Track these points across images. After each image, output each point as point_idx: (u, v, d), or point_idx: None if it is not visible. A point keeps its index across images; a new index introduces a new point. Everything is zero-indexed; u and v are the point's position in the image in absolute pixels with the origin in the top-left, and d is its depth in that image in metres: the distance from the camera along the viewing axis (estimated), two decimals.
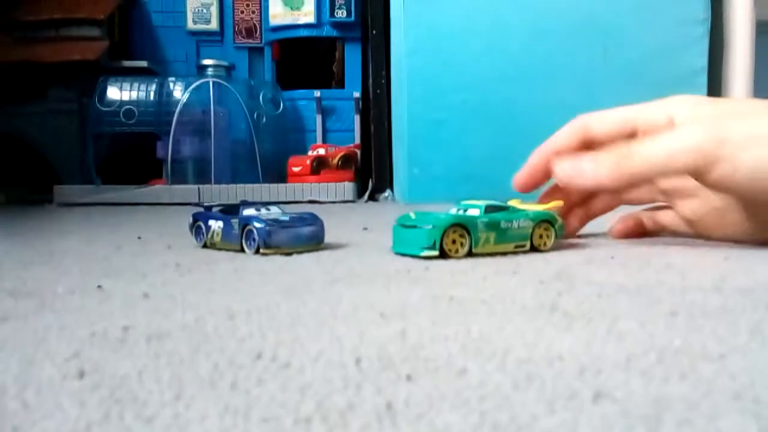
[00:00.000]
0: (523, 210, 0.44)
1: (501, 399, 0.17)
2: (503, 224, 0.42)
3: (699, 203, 0.46)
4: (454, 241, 0.41)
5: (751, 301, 0.28)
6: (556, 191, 0.49)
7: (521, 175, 0.48)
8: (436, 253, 0.40)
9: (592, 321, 0.25)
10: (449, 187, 1.01)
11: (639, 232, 0.50)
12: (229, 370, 0.19)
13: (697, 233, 0.49)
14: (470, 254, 0.41)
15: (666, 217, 0.49)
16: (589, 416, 0.16)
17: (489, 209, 0.43)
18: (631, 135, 0.44)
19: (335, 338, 0.23)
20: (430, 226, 0.41)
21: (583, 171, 0.42)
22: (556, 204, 0.46)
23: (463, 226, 0.41)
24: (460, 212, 0.43)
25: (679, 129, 0.41)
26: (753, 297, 0.29)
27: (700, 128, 0.39)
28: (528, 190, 0.48)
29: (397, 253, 0.43)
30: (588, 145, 0.46)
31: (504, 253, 0.43)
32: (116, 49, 1.41)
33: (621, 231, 0.50)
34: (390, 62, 1.25)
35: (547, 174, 0.48)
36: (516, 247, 0.43)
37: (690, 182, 0.44)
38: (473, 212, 0.42)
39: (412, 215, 0.43)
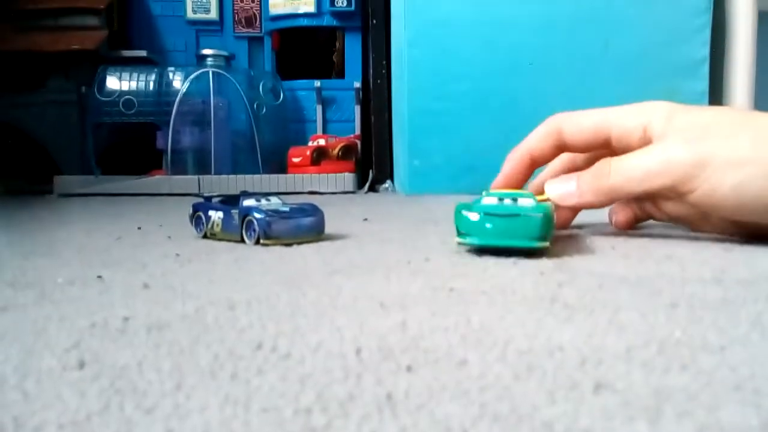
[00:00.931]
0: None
1: (501, 390, 0.17)
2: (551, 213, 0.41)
3: (678, 206, 0.46)
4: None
5: (751, 292, 0.28)
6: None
7: (498, 184, 0.48)
8: (547, 244, 0.37)
9: (592, 312, 0.25)
10: (450, 178, 1.01)
11: (640, 220, 0.50)
12: (230, 361, 0.19)
13: (682, 225, 0.49)
14: None
15: (652, 208, 0.50)
16: (589, 407, 0.16)
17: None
18: (605, 142, 0.44)
19: (335, 329, 0.23)
20: (541, 214, 0.37)
21: (570, 192, 0.43)
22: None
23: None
24: (507, 201, 0.39)
25: (658, 145, 0.40)
26: (753, 288, 0.29)
27: (680, 146, 0.39)
28: None
29: (480, 246, 0.38)
30: (562, 147, 0.47)
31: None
32: (115, 38, 1.40)
33: (623, 222, 0.50)
34: (390, 52, 1.24)
35: (522, 180, 0.48)
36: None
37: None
38: (527, 201, 0.39)
39: (471, 203, 0.39)
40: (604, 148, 0.45)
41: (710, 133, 0.39)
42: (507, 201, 0.39)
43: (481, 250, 0.40)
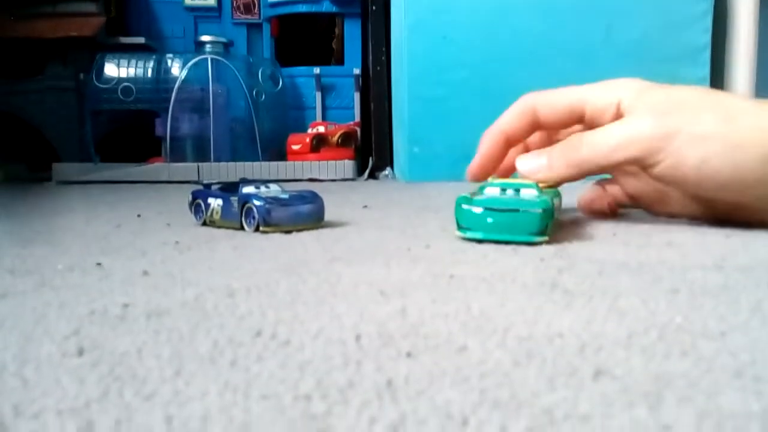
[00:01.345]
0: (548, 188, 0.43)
1: (501, 376, 0.17)
2: (557, 203, 0.41)
3: (641, 182, 0.47)
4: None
5: (751, 279, 0.28)
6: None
7: (475, 165, 0.48)
8: (546, 238, 0.37)
9: (592, 298, 0.25)
10: (450, 166, 1.00)
11: (605, 202, 0.50)
12: (229, 348, 0.19)
13: (640, 207, 0.50)
14: None
15: (613, 189, 0.50)
16: (589, 393, 0.16)
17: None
18: (579, 120, 0.45)
19: (335, 316, 0.23)
20: (541, 210, 0.37)
21: (541, 166, 0.43)
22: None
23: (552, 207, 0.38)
24: (509, 192, 0.39)
25: (627, 118, 0.41)
26: (754, 275, 0.29)
27: (648, 120, 0.39)
28: (483, 179, 0.47)
29: (481, 240, 0.38)
30: (536, 126, 0.47)
31: None
32: (113, 25, 1.39)
33: (587, 203, 0.51)
34: (390, 39, 1.24)
35: (499, 160, 0.48)
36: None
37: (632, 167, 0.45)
38: (530, 192, 0.39)
39: (470, 196, 0.39)
40: (577, 125, 0.45)
41: (678, 108, 0.39)
42: (509, 192, 0.39)
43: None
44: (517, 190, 0.39)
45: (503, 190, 0.40)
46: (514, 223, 0.37)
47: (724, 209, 0.43)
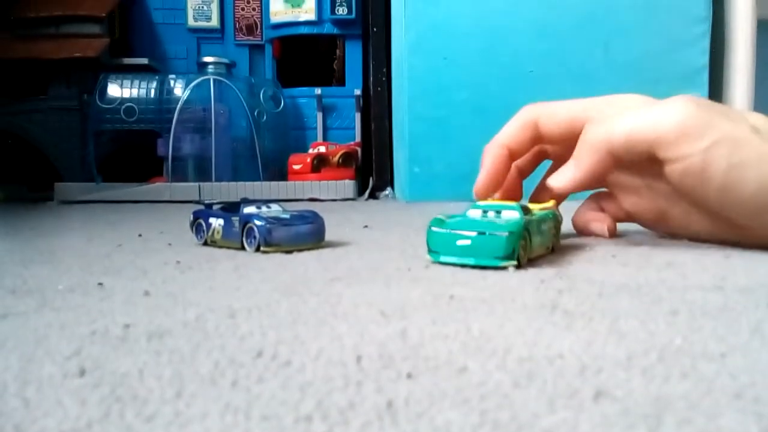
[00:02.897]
0: (540, 211, 0.42)
1: (501, 397, 0.17)
2: (543, 226, 0.40)
3: (642, 199, 0.45)
4: (522, 248, 0.37)
5: (752, 300, 0.28)
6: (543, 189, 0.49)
7: (480, 183, 0.47)
8: (515, 263, 0.36)
9: (592, 320, 0.25)
10: (450, 185, 1.01)
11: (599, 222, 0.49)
12: (230, 368, 0.19)
13: (637, 223, 0.49)
14: (527, 260, 0.37)
15: (609, 207, 0.49)
16: (589, 415, 0.16)
17: (524, 211, 0.39)
18: (581, 133, 0.44)
19: (336, 336, 0.23)
20: (507, 233, 0.35)
21: (569, 171, 0.42)
22: (552, 202, 0.46)
23: (527, 230, 0.37)
24: (491, 214, 0.39)
25: (659, 104, 0.39)
26: (754, 296, 0.29)
27: (688, 105, 0.37)
28: (489, 196, 0.46)
29: (449, 264, 0.38)
30: (538, 140, 0.46)
31: None
32: (117, 46, 1.41)
33: (581, 223, 0.50)
34: (391, 60, 1.25)
35: (503, 175, 0.47)
36: (546, 249, 0.41)
37: (635, 180, 0.44)
38: (511, 214, 0.38)
39: (444, 218, 0.39)
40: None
41: (714, 108, 0.38)
42: (491, 214, 0.39)
43: None
44: (499, 212, 0.39)
45: (485, 212, 0.39)
46: (481, 246, 0.36)
47: (727, 228, 0.41)
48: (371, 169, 1.28)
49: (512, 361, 0.20)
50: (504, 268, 0.36)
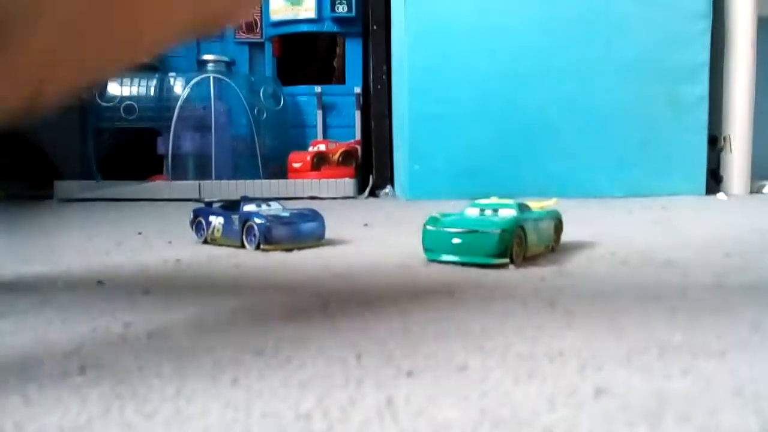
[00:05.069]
0: (540, 209, 0.42)
1: (502, 395, 0.17)
2: (541, 224, 0.39)
3: None
4: (517, 245, 0.36)
5: (751, 297, 0.28)
6: None
7: None
8: (507, 260, 0.36)
9: (592, 317, 0.25)
10: (450, 183, 1.01)
11: None
12: (230, 366, 0.19)
13: None
14: (523, 258, 0.37)
15: None
16: (590, 412, 0.16)
17: (523, 208, 0.39)
18: None
19: (336, 334, 0.23)
20: (499, 230, 0.35)
21: None
22: (554, 201, 0.46)
23: (522, 228, 0.37)
24: (488, 213, 0.39)
25: None
26: (754, 294, 0.29)
27: None
28: None
29: (444, 263, 0.37)
30: None
31: None
32: None
33: None
34: (391, 57, 1.24)
35: None
36: (545, 248, 0.40)
37: None
38: (508, 212, 0.38)
39: (439, 216, 0.39)
40: None
41: None
42: (488, 212, 0.39)
43: None
44: (496, 210, 0.39)
45: (482, 210, 0.39)
46: (474, 244, 0.36)
47: None
48: (371, 167, 1.28)
49: (512, 359, 0.20)
50: (500, 266, 0.36)
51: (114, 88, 1.25)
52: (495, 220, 0.37)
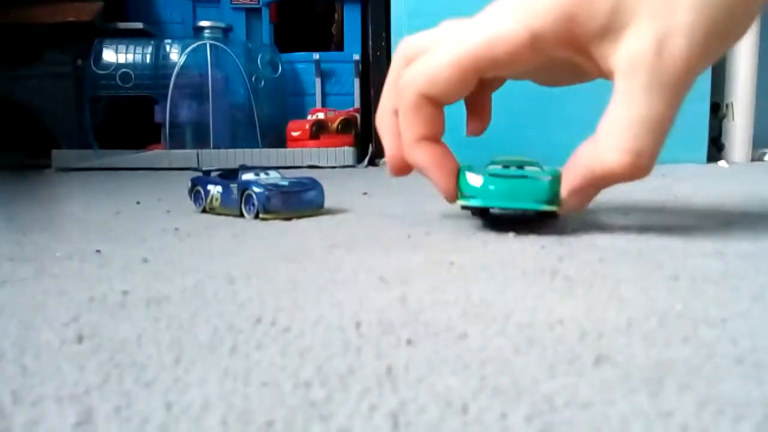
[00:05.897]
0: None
1: (501, 363, 0.17)
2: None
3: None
4: None
5: (753, 266, 0.28)
6: None
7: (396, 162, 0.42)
8: (556, 208, 0.35)
9: (593, 286, 0.25)
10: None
11: None
12: (229, 335, 0.19)
13: None
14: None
15: None
16: (590, 380, 0.16)
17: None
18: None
19: (335, 303, 0.23)
20: (550, 177, 0.35)
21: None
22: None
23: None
24: (513, 168, 0.38)
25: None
26: (755, 262, 0.29)
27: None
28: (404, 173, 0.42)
29: (480, 207, 0.37)
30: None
31: (505, 218, 0.42)
32: (111, 10, 1.38)
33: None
34: (390, 24, 1.23)
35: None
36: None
37: None
38: (534, 169, 0.38)
39: (470, 166, 0.38)
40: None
41: None
42: (513, 168, 0.39)
43: (483, 222, 0.40)
44: (521, 167, 0.38)
45: (505, 167, 0.39)
46: (521, 189, 0.36)
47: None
48: (371, 136, 1.27)
49: (512, 327, 0.20)
50: (547, 212, 0.36)
51: (109, 56, 1.24)
52: (538, 170, 0.37)
